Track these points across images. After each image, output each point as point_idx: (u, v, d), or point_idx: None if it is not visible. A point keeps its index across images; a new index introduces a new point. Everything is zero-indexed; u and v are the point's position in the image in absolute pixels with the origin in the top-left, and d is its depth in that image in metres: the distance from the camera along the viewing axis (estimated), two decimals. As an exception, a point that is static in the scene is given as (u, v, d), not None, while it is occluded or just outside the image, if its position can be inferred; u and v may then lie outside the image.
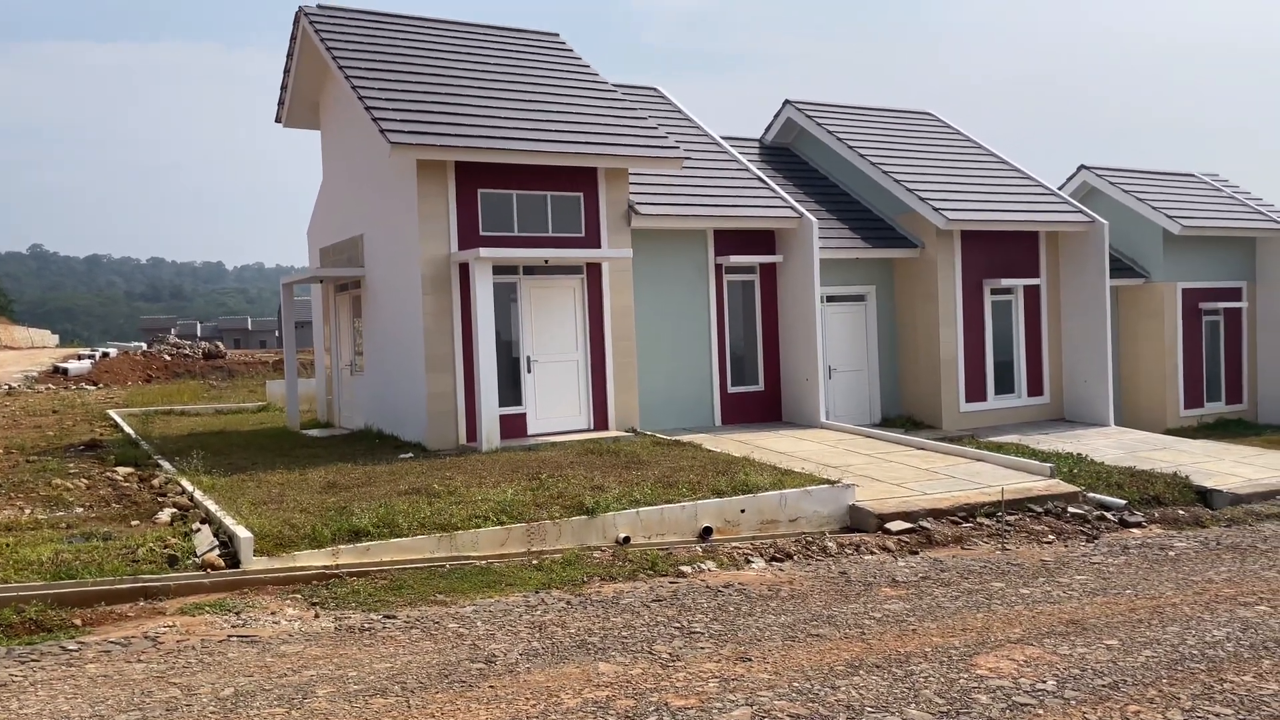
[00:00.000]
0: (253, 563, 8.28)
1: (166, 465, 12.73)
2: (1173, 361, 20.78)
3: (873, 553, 9.71)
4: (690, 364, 16.52)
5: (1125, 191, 21.29)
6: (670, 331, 16.29)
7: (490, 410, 13.51)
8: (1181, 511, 12.02)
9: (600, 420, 15.01)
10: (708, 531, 10.13)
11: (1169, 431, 19.36)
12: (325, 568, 8.38)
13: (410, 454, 13.17)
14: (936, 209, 17.57)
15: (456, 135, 13.78)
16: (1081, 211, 19.13)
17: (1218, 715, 5.22)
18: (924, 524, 10.53)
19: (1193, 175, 23.63)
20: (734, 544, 9.86)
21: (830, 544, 9.89)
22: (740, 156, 18.37)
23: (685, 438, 14.31)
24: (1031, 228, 18.67)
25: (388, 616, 7.23)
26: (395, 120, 13.59)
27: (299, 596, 7.78)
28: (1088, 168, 22.09)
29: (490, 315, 13.56)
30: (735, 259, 16.62)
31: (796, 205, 16.96)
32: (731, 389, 16.93)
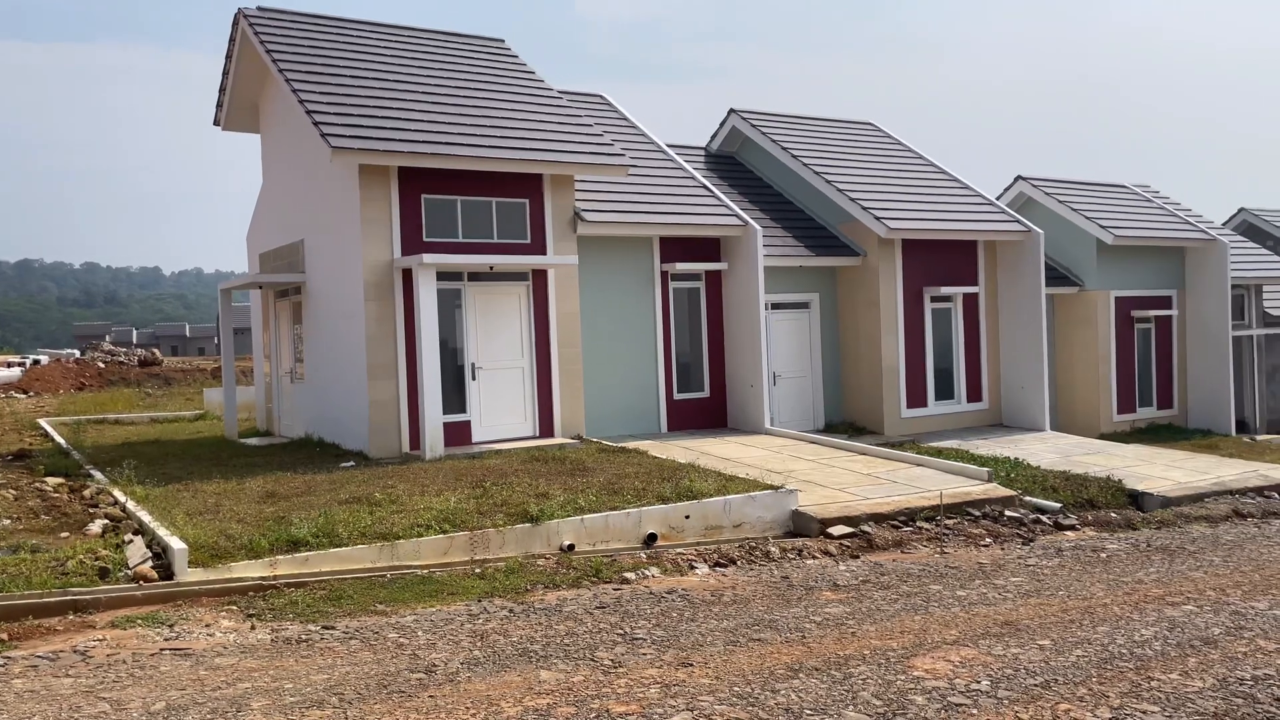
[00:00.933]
0: (187, 574, 8.10)
1: (98, 475, 12.41)
2: (1106, 368, 21.30)
3: (814, 557, 9.81)
4: (636, 371, 16.55)
5: (1060, 202, 21.80)
6: (616, 338, 16.30)
7: (434, 418, 13.39)
8: (1114, 514, 12.32)
9: (546, 427, 14.96)
10: (652, 538, 10.14)
11: (1103, 436, 19.86)
12: (262, 579, 8.23)
13: (352, 463, 13.01)
14: (878, 218, 17.83)
15: (399, 140, 13.67)
16: (1018, 221, 19.56)
17: (1145, 713, 5.36)
18: (865, 528, 10.67)
19: (1124, 186, 24.29)
20: (678, 550, 9.89)
21: (773, 549, 9.97)
22: (686, 164, 18.47)
23: (631, 444, 14.32)
24: (970, 237, 19.03)
25: (326, 627, 7.12)
26: (337, 124, 13.44)
27: (235, 608, 7.64)
28: (1024, 178, 22.59)
29: (434, 322, 13.45)
30: (681, 266, 16.70)
31: (741, 213, 17.09)
32: (678, 396, 16.99)
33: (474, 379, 14.48)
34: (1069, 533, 11.37)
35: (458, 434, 14.18)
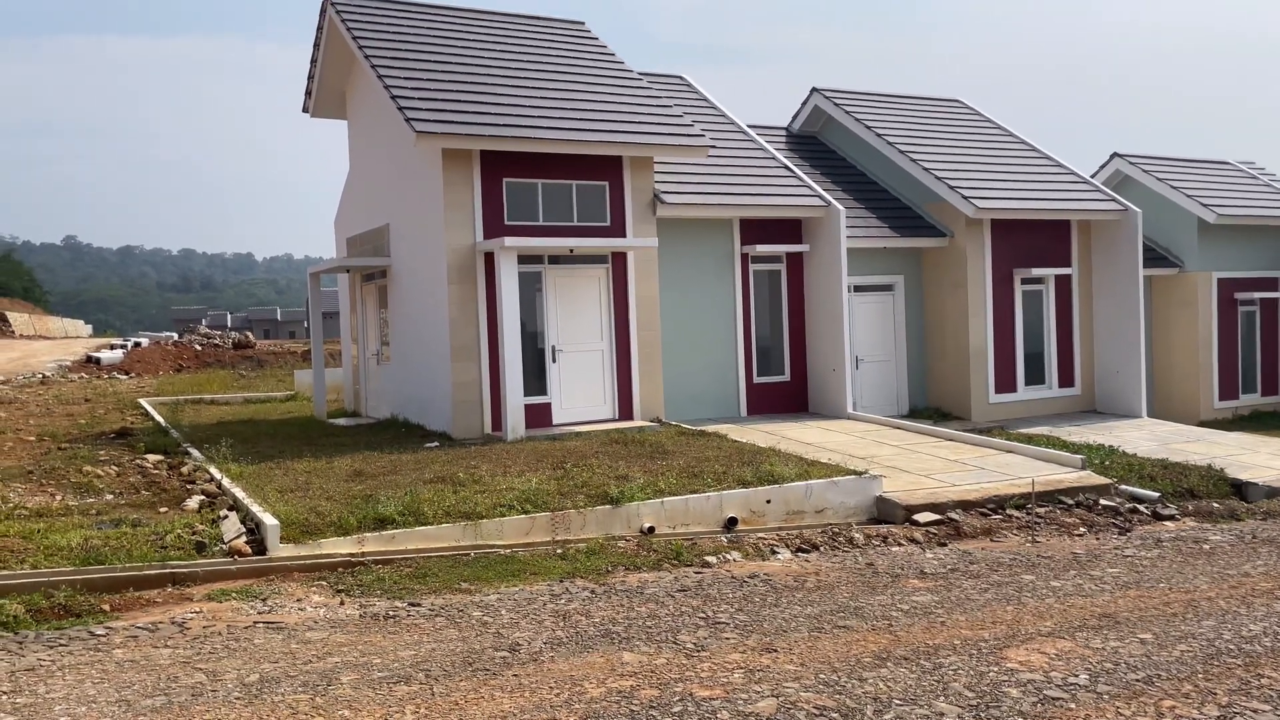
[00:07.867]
0: (279, 550, 8.31)
1: (195, 453, 12.82)
2: (1207, 353, 20.43)
3: (900, 544, 9.61)
4: (716, 354, 16.43)
5: (1159, 180, 20.93)
6: (696, 321, 16.20)
7: (515, 400, 13.49)
8: (1216, 504, 11.81)
9: (625, 410, 14.97)
10: (733, 522, 10.06)
11: (1203, 423, 19.05)
12: (351, 555, 8.40)
13: (436, 443, 13.19)
14: (966, 197, 17.35)
15: (482, 124, 13.75)
16: (1114, 200, 18.83)
17: (1255, 711, 5.10)
18: (952, 516, 10.41)
19: (1228, 163, 23.20)
20: (759, 534, 9.79)
21: (857, 535, 9.79)
22: (767, 145, 18.22)
23: (710, 428, 14.23)
24: (1063, 216, 18.40)
25: (412, 604, 7.23)
26: (421, 109, 13.58)
27: (324, 584, 7.80)
28: (1121, 155, 21.75)
29: (515, 305, 13.54)
30: (761, 248, 16.50)
31: (824, 194, 16.80)
32: (757, 379, 16.83)
33: (554, 361, 14.55)
34: (1168, 523, 10.93)
35: (538, 416, 14.27)
